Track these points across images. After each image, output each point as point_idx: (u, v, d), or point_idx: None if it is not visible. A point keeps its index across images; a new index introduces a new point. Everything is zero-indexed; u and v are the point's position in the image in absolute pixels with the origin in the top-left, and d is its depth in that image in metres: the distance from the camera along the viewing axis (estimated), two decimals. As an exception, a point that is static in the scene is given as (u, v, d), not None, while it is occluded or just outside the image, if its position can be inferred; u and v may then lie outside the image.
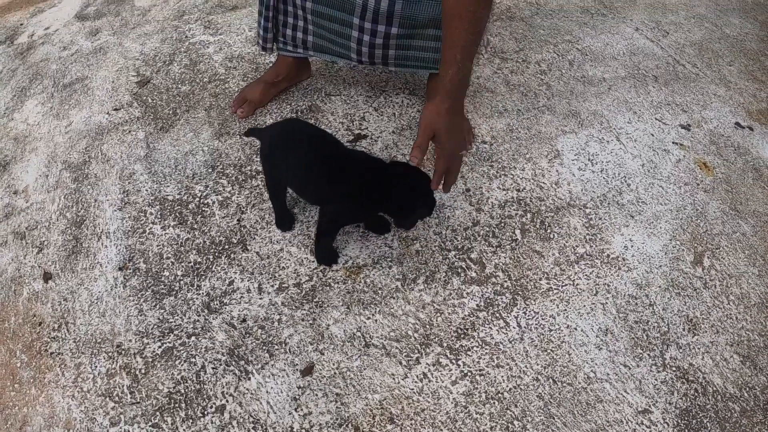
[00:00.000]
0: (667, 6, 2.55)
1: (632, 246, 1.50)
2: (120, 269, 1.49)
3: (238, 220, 1.56)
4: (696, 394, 1.25)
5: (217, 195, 1.63)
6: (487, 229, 1.51)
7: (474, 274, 1.42)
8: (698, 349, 1.32)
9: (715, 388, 1.26)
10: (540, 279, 1.42)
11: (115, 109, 1.99)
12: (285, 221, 1.51)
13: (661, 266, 1.46)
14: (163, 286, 1.44)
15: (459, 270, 1.42)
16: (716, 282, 1.45)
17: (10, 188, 1.76)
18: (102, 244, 1.55)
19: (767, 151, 1.84)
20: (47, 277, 1.50)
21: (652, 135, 1.83)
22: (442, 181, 1.31)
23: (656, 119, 1.90)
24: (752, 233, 1.57)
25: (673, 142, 1.81)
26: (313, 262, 1.45)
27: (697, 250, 1.51)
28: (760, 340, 1.35)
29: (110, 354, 1.33)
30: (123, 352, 1.33)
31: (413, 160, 1.26)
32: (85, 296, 1.45)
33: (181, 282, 1.44)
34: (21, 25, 2.66)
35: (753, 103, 2.02)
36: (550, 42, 2.22)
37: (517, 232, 1.51)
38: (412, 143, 1.71)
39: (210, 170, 1.71)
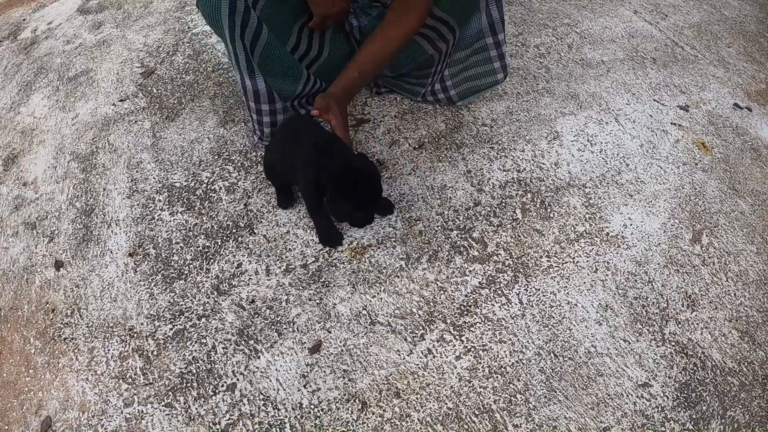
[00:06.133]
0: (665, -12, 2.56)
1: (631, 224, 1.53)
2: (130, 255, 1.52)
3: (244, 204, 1.59)
4: (695, 368, 1.28)
5: (223, 181, 1.66)
6: (489, 209, 1.54)
7: (476, 253, 1.44)
8: (697, 324, 1.35)
9: (713, 363, 1.29)
10: (541, 257, 1.44)
11: (121, 100, 2.02)
12: (284, 200, 1.56)
13: (659, 244, 1.49)
14: (172, 271, 1.47)
15: (461, 249, 1.45)
16: (714, 259, 1.47)
17: (19, 180, 1.80)
18: (112, 231, 1.59)
19: (765, 131, 1.86)
20: (59, 265, 1.54)
21: (651, 116, 1.85)
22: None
23: (655, 100, 1.92)
24: (750, 212, 1.60)
25: (671, 123, 1.83)
26: (319, 243, 1.48)
27: (696, 228, 1.54)
28: (759, 316, 1.37)
29: (123, 337, 1.37)
30: (135, 335, 1.37)
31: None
32: (97, 282, 1.48)
33: (191, 266, 1.47)
34: (24, 20, 2.69)
35: (752, 84, 2.03)
36: (549, 25, 2.24)
37: (518, 211, 1.54)
38: (414, 127, 1.75)
39: (216, 157, 1.74)
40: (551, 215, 1.53)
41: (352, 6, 1.62)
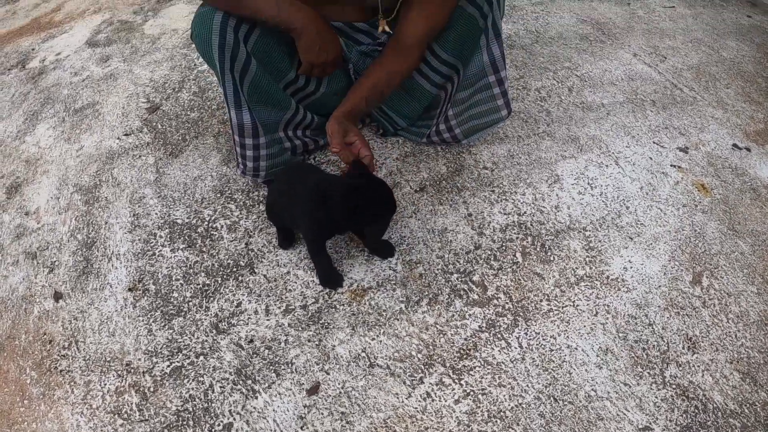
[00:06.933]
0: (664, 31, 2.61)
1: (631, 267, 1.53)
2: (130, 290, 1.53)
3: (246, 243, 1.60)
4: (696, 411, 1.27)
5: (225, 219, 1.68)
6: (489, 252, 1.55)
7: (476, 296, 1.45)
8: (698, 366, 1.34)
9: (715, 405, 1.28)
10: (541, 300, 1.45)
11: (126, 135, 2.05)
12: (284, 241, 1.57)
13: (660, 286, 1.49)
14: (172, 307, 1.48)
15: (461, 292, 1.45)
16: (715, 301, 1.47)
17: (21, 209, 1.81)
18: (112, 265, 1.60)
19: (764, 171, 1.87)
20: (58, 296, 1.54)
21: (651, 158, 1.87)
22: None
23: (654, 143, 1.94)
24: (750, 252, 1.60)
25: (671, 165, 1.85)
26: (319, 284, 1.49)
27: (696, 270, 1.54)
28: (760, 356, 1.37)
29: (119, 372, 1.37)
30: (132, 370, 1.37)
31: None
32: (96, 316, 1.49)
33: (190, 303, 1.48)
34: (33, 50, 2.74)
35: (750, 124, 2.06)
36: (550, 69, 2.27)
37: (518, 255, 1.55)
38: (416, 169, 1.77)
39: (218, 195, 1.76)
40: (551, 259, 1.54)
41: (350, 50, 1.65)
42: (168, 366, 1.36)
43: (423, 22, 1.48)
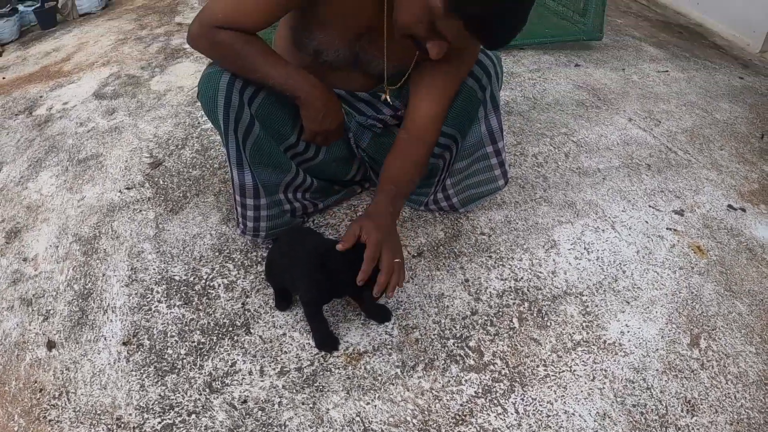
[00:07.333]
0: (658, 95, 2.68)
1: (628, 331, 1.53)
2: (124, 344, 1.53)
3: (242, 303, 1.62)
4: (697, 476, 1.26)
5: (223, 278, 1.70)
6: (486, 317, 1.56)
7: (472, 362, 1.45)
8: (698, 429, 1.33)
9: (715, 470, 1.27)
10: (537, 366, 1.45)
11: (128, 188, 2.08)
12: (281, 302, 1.58)
13: (657, 350, 1.49)
14: (165, 364, 1.47)
15: (457, 357, 1.46)
16: (713, 362, 1.47)
17: (20, 255, 1.83)
18: (108, 318, 1.60)
19: (760, 231, 1.89)
20: (51, 345, 1.54)
21: (647, 222, 1.89)
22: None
23: (650, 206, 1.96)
24: (748, 312, 1.60)
25: (666, 228, 1.87)
26: (315, 347, 1.50)
27: (694, 332, 1.54)
28: (760, 417, 1.35)
29: (110, 426, 1.35)
30: (122, 425, 1.35)
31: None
32: (88, 367, 1.47)
33: (184, 360, 1.48)
34: (41, 97, 2.81)
35: (744, 185, 2.09)
36: (547, 135, 2.33)
37: (515, 320, 1.55)
38: (413, 235, 1.79)
39: (217, 254, 1.78)
40: (548, 324, 1.55)
41: (350, 120, 1.70)
42: (159, 423, 1.36)
43: (435, 99, 1.51)
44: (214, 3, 1.36)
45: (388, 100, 1.61)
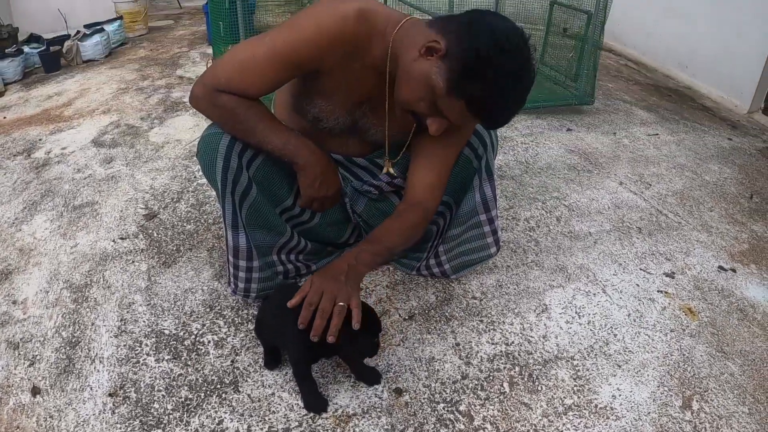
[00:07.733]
0: (649, 159, 2.74)
1: (620, 395, 1.55)
2: (110, 395, 1.51)
3: (231, 361, 1.62)
4: None
5: (213, 335, 1.70)
6: (476, 381, 1.58)
7: (462, 426, 1.47)
8: (692, 496, 1.33)
9: None
10: (528, 431, 1.46)
11: (121, 238, 2.11)
12: (270, 361, 1.59)
13: (649, 413, 1.50)
14: (151, 418, 1.46)
15: (447, 422, 1.48)
16: (706, 424, 1.47)
17: (9, 297, 1.83)
18: (95, 367, 1.59)
19: (751, 292, 1.91)
20: (36, 391, 1.52)
21: (638, 285, 1.93)
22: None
23: (641, 269, 2.00)
24: (740, 373, 1.62)
25: (657, 291, 1.90)
26: (304, 408, 1.50)
27: (686, 395, 1.55)
28: (755, 480, 1.36)
29: None
30: (106, 477, 1.34)
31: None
32: (72, 416, 1.46)
33: (170, 416, 1.47)
34: (40, 140, 2.86)
35: (735, 245, 2.12)
36: (539, 199, 2.39)
37: (506, 384, 1.58)
38: (405, 298, 1.84)
39: (208, 310, 1.79)
40: (539, 388, 1.57)
41: (346, 185, 1.75)
42: (143, 479, 1.35)
43: (435, 169, 1.55)
44: (218, 67, 1.41)
45: (392, 172, 1.65)
